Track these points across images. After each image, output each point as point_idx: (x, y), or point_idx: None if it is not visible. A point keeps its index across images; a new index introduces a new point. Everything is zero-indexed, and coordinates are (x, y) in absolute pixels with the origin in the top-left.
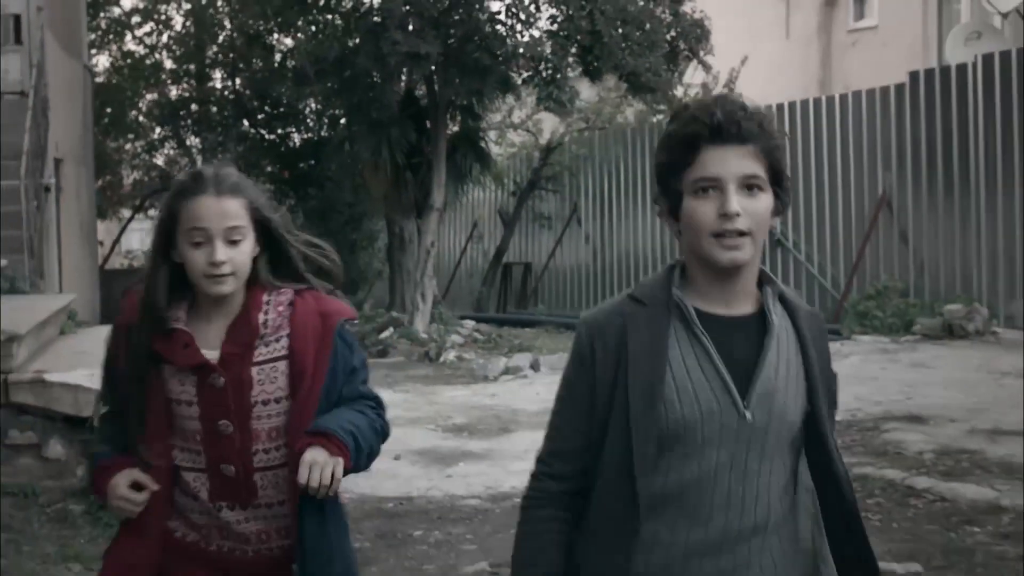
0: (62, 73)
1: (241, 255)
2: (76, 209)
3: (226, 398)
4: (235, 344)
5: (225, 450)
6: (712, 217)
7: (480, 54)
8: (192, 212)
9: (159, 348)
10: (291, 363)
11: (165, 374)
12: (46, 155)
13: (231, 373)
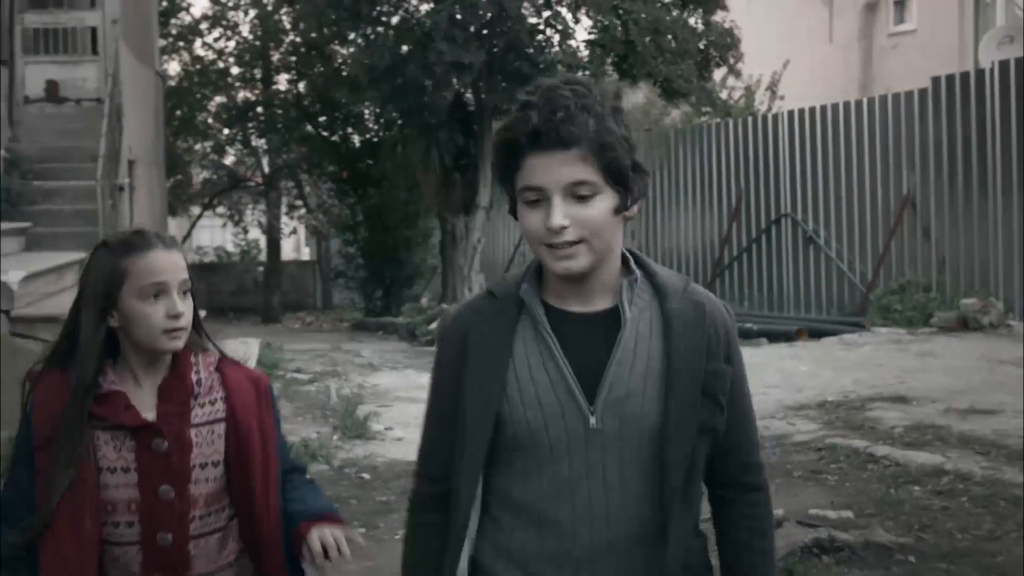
0: (135, 80)
1: (190, 309)
2: (148, 207)
3: (169, 461)
4: (171, 404)
5: (163, 518)
6: (541, 228)
7: (520, 63)
8: (148, 267)
9: (97, 411)
10: (231, 426)
11: (97, 441)
12: (120, 157)
13: (171, 435)
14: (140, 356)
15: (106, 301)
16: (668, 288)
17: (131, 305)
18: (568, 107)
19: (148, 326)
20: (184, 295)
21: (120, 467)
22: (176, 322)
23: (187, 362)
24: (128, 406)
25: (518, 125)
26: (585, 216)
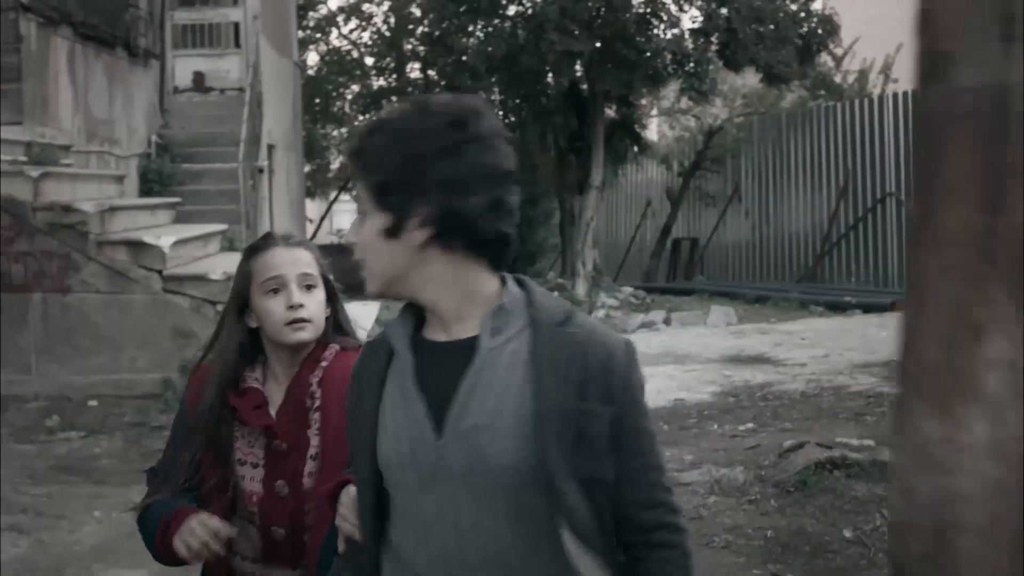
0: (274, 70)
1: (316, 303)
2: (286, 189)
3: (288, 460)
4: (291, 404)
5: (276, 513)
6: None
7: (628, 51)
8: (266, 263)
9: (235, 405)
10: (321, 416)
11: (236, 434)
12: (260, 142)
13: (290, 436)
14: (277, 353)
15: (240, 301)
16: (542, 319)
17: (258, 302)
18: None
19: (271, 320)
20: (308, 289)
21: (251, 462)
22: (295, 313)
23: (313, 361)
24: (257, 406)
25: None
26: (359, 238)
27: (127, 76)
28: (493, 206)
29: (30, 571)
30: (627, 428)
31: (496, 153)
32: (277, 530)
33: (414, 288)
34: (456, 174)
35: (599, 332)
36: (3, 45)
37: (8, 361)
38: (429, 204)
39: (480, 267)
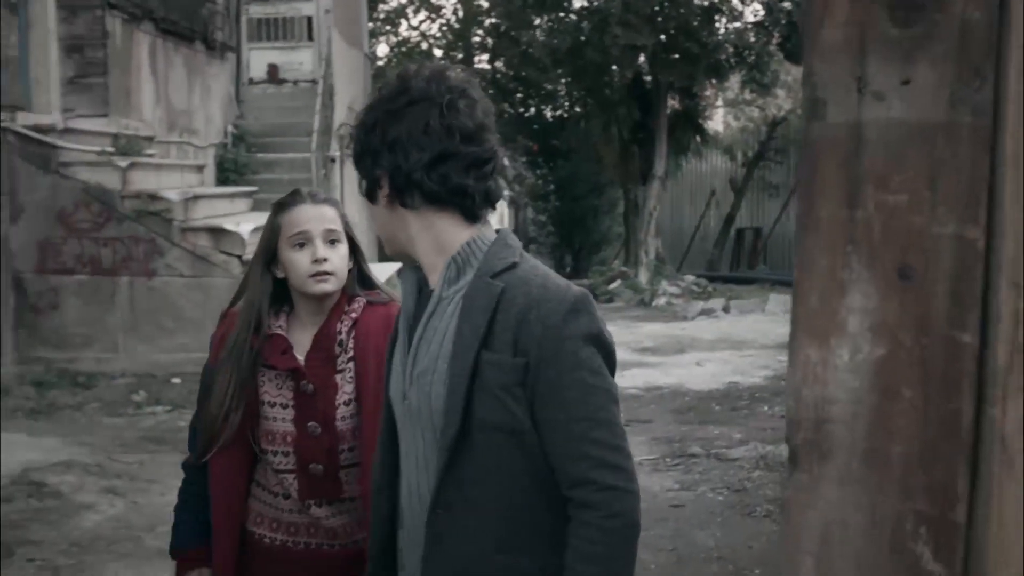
0: (345, 62)
1: (339, 257)
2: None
3: (316, 402)
4: (319, 350)
5: (313, 451)
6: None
7: (690, 44)
8: (293, 219)
9: (261, 350)
10: (356, 364)
11: (262, 378)
12: (332, 132)
13: (318, 378)
14: (304, 304)
15: (268, 253)
16: (481, 270)
17: (285, 254)
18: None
19: (296, 272)
20: (331, 244)
21: (279, 403)
22: (319, 267)
23: (339, 311)
24: (285, 350)
25: None
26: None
27: (205, 69)
28: (437, 161)
29: (126, 528)
30: (545, 379)
31: (442, 111)
32: (315, 467)
33: (403, 245)
34: (398, 134)
35: (532, 285)
36: (90, 41)
37: (97, 340)
38: (383, 166)
39: (452, 220)
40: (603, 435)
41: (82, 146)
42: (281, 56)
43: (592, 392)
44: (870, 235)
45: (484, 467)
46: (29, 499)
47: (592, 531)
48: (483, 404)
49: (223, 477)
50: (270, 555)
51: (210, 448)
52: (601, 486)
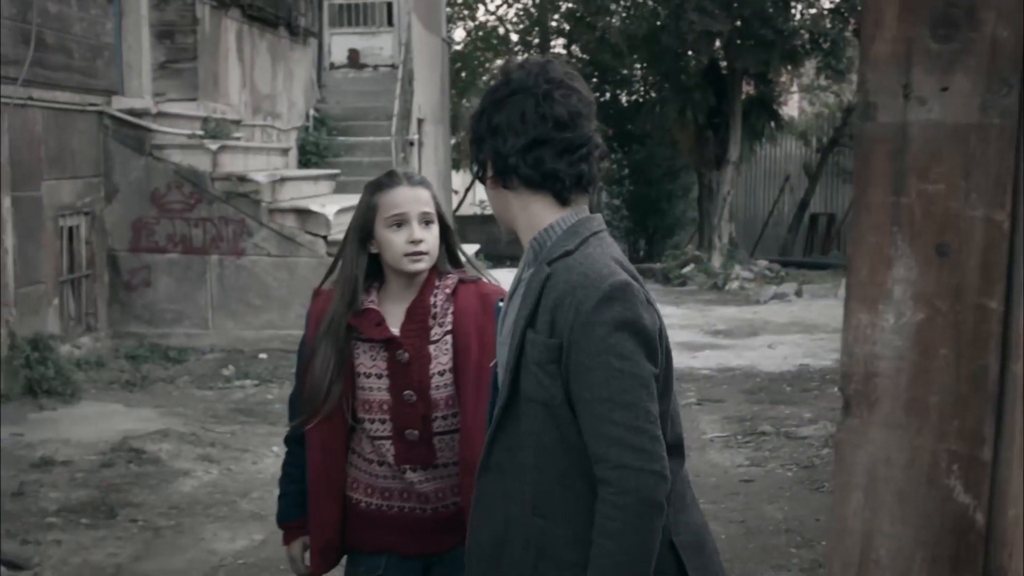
0: (424, 47)
1: (433, 237)
2: (434, 161)
3: (411, 371)
4: (414, 321)
5: (409, 417)
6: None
7: (765, 30)
8: (391, 200)
9: (355, 325)
10: (455, 338)
11: (357, 351)
12: (411, 116)
13: (413, 348)
14: (396, 279)
15: (363, 231)
16: (542, 256)
17: (381, 233)
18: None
19: (393, 251)
20: (426, 225)
21: (375, 373)
22: (415, 247)
23: (431, 285)
24: (379, 323)
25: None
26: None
27: (288, 54)
28: (531, 146)
29: (221, 493)
30: (576, 361)
31: (538, 101)
32: (410, 432)
33: (509, 223)
34: (499, 121)
35: (575, 271)
36: (180, 27)
37: (187, 316)
38: (486, 150)
39: (546, 203)
40: (623, 416)
41: (174, 129)
42: (361, 41)
43: (616, 376)
44: (912, 218)
45: (524, 435)
46: (129, 465)
47: (607, 507)
48: (526, 378)
49: (323, 445)
50: (365, 518)
51: (313, 419)
52: (615, 464)
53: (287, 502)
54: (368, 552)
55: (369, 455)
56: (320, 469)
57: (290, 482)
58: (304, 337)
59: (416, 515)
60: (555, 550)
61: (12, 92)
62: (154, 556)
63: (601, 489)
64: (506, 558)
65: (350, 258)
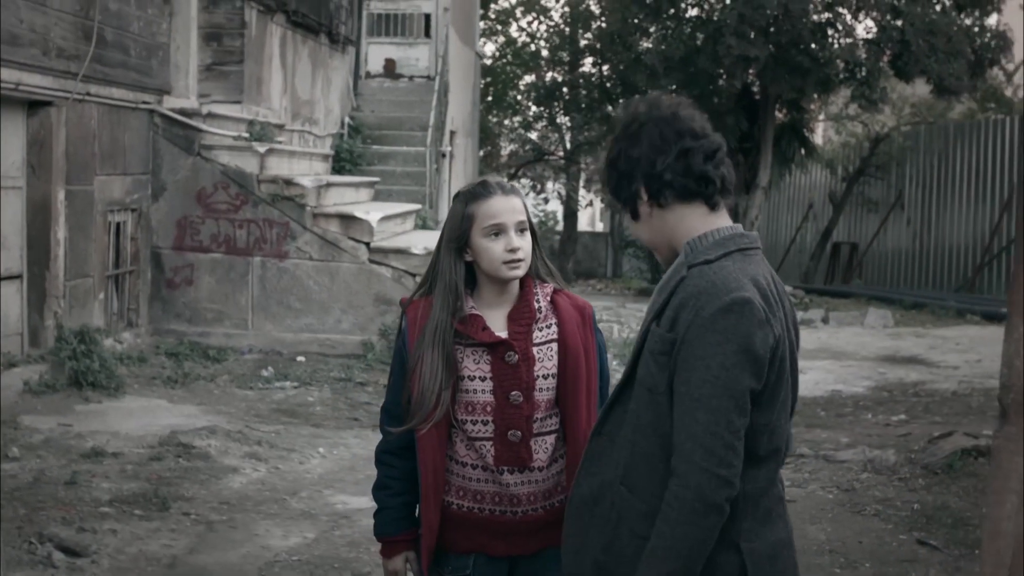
0: (458, 59)
1: (528, 244)
2: (463, 173)
3: (519, 372)
4: (519, 325)
5: (513, 418)
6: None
7: (802, 58)
8: (489, 210)
9: (460, 330)
10: (562, 346)
11: (460, 355)
12: (444, 128)
13: (520, 350)
14: (491, 285)
15: (460, 241)
16: (688, 259)
17: (478, 242)
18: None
19: (491, 259)
20: (521, 233)
21: (479, 376)
22: (513, 255)
23: (531, 291)
24: (485, 327)
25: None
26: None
27: (327, 61)
28: (679, 157)
29: (270, 491)
30: (683, 358)
31: (668, 122)
32: (513, 433)
33: (668, 245)
34: (640, 152)
35: (704, 278)
36: (228, 30)
37: (228, 316)
38: (637, 181)
39: (698, 213)
40: (705, 418)
41: (221, 131)
42: (398, 51)
43: (711, 381)
44: None
45: (630, 413)
46: (178, 459)
47: (670, 495)
48: (642, 364)
49: (432, 450)
50: (456, 520)
51: (426, 424)
52: (686, 458)
53: (390, 515)
54: (456, 553)
55: (463, 458)
56: (432, 476)
57: (392, 495)
58: (400, 346)
59: (507, 518)
60: (631, 520)
61: (71, 87)
62: (209, 549)
63: (670, 479)
64: (596, 515)
65: (448, 267)
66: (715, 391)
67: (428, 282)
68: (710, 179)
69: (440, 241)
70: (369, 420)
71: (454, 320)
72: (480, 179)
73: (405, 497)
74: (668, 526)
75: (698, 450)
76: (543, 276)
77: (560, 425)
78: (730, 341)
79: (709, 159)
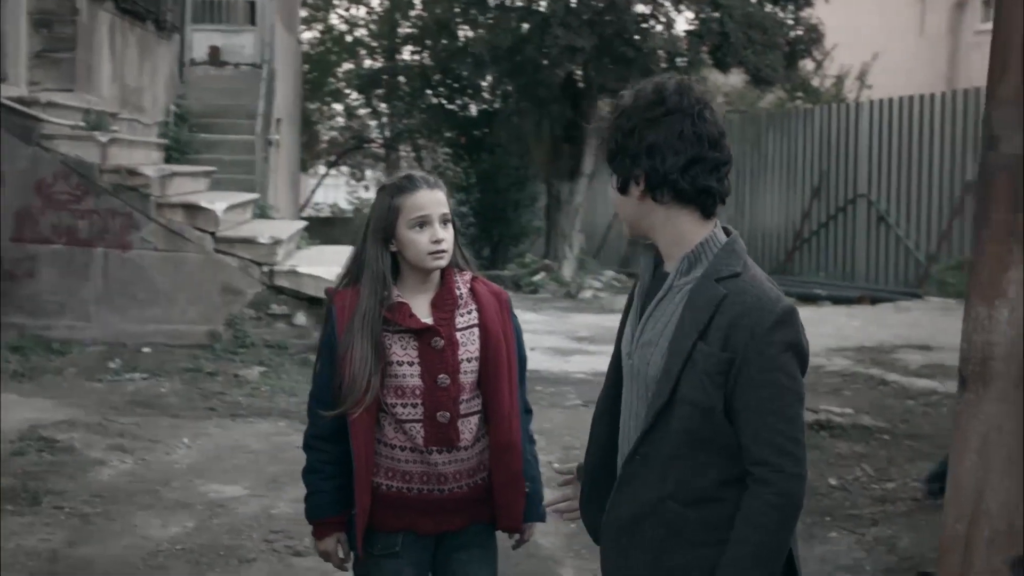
0: (282, 46)
1: (451, 235)
2: (287, 161)
3: (445, 356)
4: (442, 312)
5: (441, 400)
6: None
7: (626, 48)
8: (415, 203)
9: (388, 317)
10: (483, 330)
11: (388, 341)
12: (272, 116)
13: (445, 335)
14: (415, 274)
15: (386, 232)
16: (709, 272)
17: (404, 234)
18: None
19: (416, 250)
20: (444, 224)
21: (407, 361)
22: (438, 246)
23: (452, 279)
24: (412, 314)
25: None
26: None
27: (154, 48)
28: (690, 164)
29: (141, 482)
30: (747, 376)
31: (693, 121)
32: (443, 414)
33: (646, 231)
34: (656, 140)
35: (750, 295)
36: (59, 16)
37: (70, 308)
38: (640, 166)
39: (692, 217)
40: (785, 427)
41: (58, 120)
42: (223, 38)
43: (783, 392)
44: None
45: (677, 432)
46: (42, 453)
47: (762, 503)
48: (689, 383)
49: (364, 433)
50: (386, 500)
51: (357, 408)
52: (776, 468)
53: (322, 499)
54: (385, 531)
55: (391, 440)
56: (364, 458)
57: (324, 479)
58: (329, 334)
59: (434, 496)
60: (688, 532)
61: None
62: (89, 542)
63: (759, 487)
64: (637, 535)
65: (375, 257)
66: (789, 400)
67: (353, 272)
68: (712, 192)
69: (365, 232)
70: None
71: (382, 308)
72: (405, 172)
73: (337, 480)
74: (761, 532)
75: (787, 459)
76: (461, 265)
77: (482, 406)
78: (789, 349)
79: (715, 172)
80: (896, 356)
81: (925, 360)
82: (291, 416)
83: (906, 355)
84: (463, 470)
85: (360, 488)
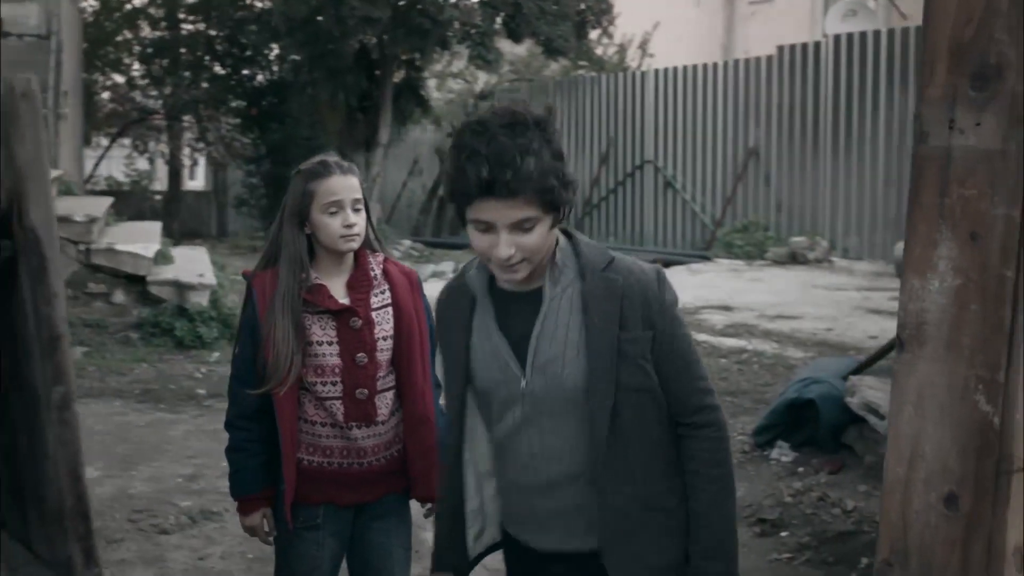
0: (65, 15)
1: (362, 220)
2: (72, 135)
3: (363, 335)
4: (358, 293)
5: (360, 378)
6: (489, 251)
7: (422, 19)
8: (328, 188)
9: (307, 299)
10: (396, 309)
11: (307, 321)
12: (60, 89)
13: (362, 315)
14: (329, 257)
15: (300, 216)
16: (587, 269)
17: (317, 218)
18: (514, 160)
19: (329, 234)
20: (356, 210)
21: (326, 341)
22: (349, 230)
23: (365, 261)
24: (330, 296)
25: (471, 178)
26: (527, 243)
27: None
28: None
29: None
30: (666, 340)
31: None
32: (361, 391)
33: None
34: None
35: (635, 272)
36: None
37: None
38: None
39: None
40: (701, 371)
41: None
42: (7, 8)
43: (689, 341)
44: (953, 213)
45: (631, 421)
46: None
47: (711, 443)
48: (628, 373)
49: (289, 411)
50: (307, 475)
51: (281, 387)
52: (713, 407)
53: (247, 476)
54: (306, 505)
55: (312, 417)
56: (289, 435)
57: (249, 456)
58: (251, 315)
59: (354, 469)
60: (658, 501)
61: None
62: None
63: (705, 431)
64: (641, 526)
65: (291, 239)
66: (692, 347)
67: (270, 254)
68: (571, 204)
69: (281, 215)
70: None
71: (301, 290)
72: (320, 158)
73: (261, 458)
74: (722, 467)
75: (711, 396)
76: (375, 246)
77: (396, 382)
78: (676, 303)
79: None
80: (701, 317)
81: (728, 320)
82: (125, 396)
83: (710, 316)
84: (380, 444)
85: (287, 463)
